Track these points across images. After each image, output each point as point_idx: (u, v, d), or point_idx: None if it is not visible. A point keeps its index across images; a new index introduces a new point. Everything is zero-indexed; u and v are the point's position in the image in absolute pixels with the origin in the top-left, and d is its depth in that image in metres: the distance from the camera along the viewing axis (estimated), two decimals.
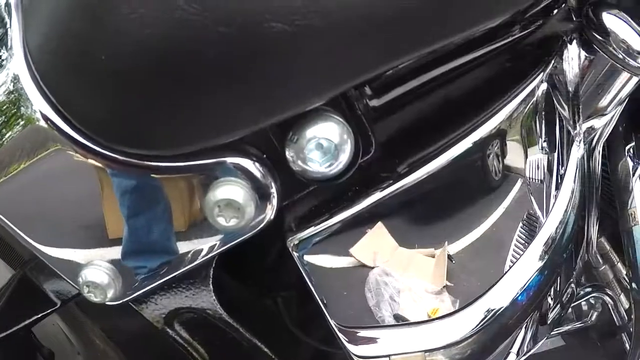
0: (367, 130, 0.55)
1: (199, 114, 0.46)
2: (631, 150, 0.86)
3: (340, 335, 0.61)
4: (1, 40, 0.52)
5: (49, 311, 0.75)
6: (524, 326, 0.71)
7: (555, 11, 0.67)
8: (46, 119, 0.49)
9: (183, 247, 0.55)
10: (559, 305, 0.79)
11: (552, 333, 1.00)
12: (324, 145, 0.50)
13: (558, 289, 0.76)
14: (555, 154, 0.69)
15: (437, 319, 0.62)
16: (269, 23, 0.43)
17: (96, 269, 0.55)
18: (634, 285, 0.86)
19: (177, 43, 0.43)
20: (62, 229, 0.54)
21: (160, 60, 0.44)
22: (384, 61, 0.48)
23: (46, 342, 0.85)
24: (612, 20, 0.66)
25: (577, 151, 0.71)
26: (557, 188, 0.69)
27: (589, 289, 0.96)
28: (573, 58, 0.68)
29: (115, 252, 0.55)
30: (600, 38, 0.66)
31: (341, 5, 0.44)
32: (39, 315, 0.75)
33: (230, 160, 0.50)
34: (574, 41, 0.68)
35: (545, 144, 0.67)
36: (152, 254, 0.56)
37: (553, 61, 0.65)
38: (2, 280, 0.77)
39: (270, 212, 0.52)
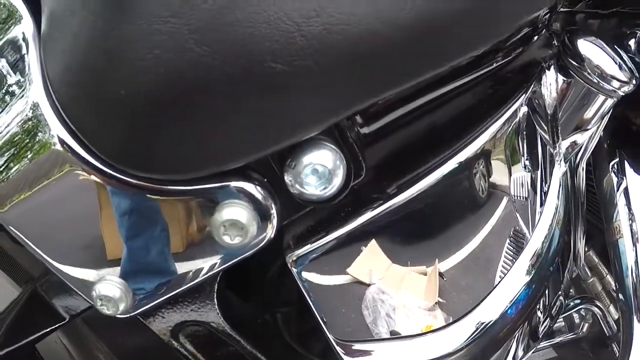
0: (358, 156, 0.58)
1: (207, 144, 0.51)
2: (615, 166, 0.90)
3: (337, 348, 0.64)
4: (15, 67, 0.55)
5: (56, 325, 0.78)
6: (515, 338, 0.74)
7: (535, 39, 0.72)
8: (63, 143, 0.52)
9: (191, 263, 0.59)
10: (548, 317, 0.81)
11: (544, 345, 1.03)
12: (319, 171, 0.54)
13: (547, 302, 0.79)
14: (539, 173, 0.72)
15: (430, 332, 0.65)
16: (269, 63, 0.47)
17: (109, 284, 0.59)
18: (620, 296, 0.89)
19: (188, 81, 0.47)
20: (76, 245, 0.58)
21: (173, 96, 0.48)
22: (372, 94, 0.53)
23: (49, 359, 0.88)
24: (587, 47, 0.72)
25: (559, 169, 0.75)
26: (542, 205, 0.72)
27: (578, 301, 0.99)
28: (551, 83, 0.73)
29: None
30: (576, 64, 0.72)
31: (331, 47, 0.48)
32: (47, 330, 0.78)
33: (234, 184, 0.54)
34: (552, 67, 0.73)
35: (528, 163, 0.71)
36: (156, 270, 0.60)
37: (532, 86, 0.69)
38: (12, 296, 0.81)
39: (270, 231, 0.57)
